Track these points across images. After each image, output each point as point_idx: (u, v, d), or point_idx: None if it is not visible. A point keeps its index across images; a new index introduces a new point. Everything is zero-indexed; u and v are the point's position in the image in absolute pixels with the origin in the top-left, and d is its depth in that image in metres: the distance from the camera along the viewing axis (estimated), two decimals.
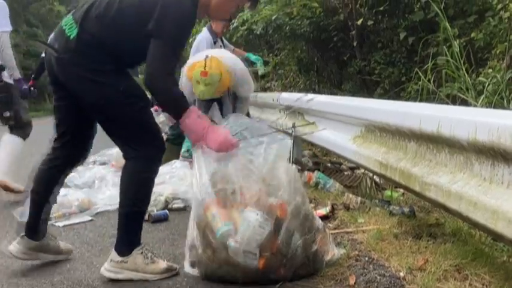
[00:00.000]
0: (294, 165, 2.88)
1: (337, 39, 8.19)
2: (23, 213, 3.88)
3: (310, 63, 9.69)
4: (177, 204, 4.00)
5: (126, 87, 2.58)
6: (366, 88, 7.70)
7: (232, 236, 2.43)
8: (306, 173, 4.64)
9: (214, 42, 6.13)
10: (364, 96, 6.69)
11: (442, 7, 5.35)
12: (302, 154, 5.78)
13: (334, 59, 9.05)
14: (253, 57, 6.52)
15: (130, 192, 2.61)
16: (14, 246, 2.80)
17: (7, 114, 4.73)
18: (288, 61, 10.38)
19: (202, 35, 6.19)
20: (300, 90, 9.81)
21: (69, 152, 2.80)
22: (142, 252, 2.63)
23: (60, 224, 3.78)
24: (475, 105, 4.20)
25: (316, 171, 4.57)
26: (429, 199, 2.58)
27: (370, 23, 7.29)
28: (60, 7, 37.01)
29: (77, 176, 4.90)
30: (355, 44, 7.55)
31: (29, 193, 2.89)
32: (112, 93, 2.53)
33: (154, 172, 2.65)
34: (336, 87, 8.94)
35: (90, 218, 3.92)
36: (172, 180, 4.26)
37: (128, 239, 2.64)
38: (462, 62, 4.67)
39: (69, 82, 2.55)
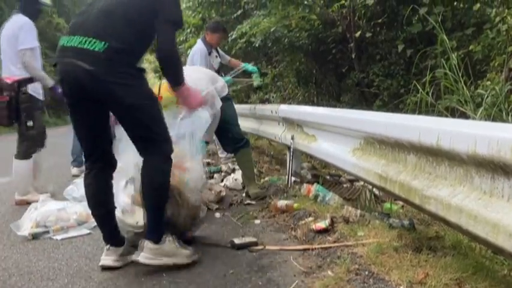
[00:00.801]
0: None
1: (335, 51, 8.21)
2: (20, 226, 3.90)
3: (309, 75, 9.71)
4: None
5: (148, 88, 2.97)
6: (365, 100, 7.70)
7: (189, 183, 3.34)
8: (305, 185, 4.63)
9: (209, 53, 6.21)
10: (362, 109, 6.69)
11: (440, 19, 5.36)
12: (301, 166, 5.77)
13: (333, 71, 9.07)
14: (250, 67, 6.52)
15: (156, 183, 2.94)
16: (104, 259, 3.06)
17: (30, 123, 4.98)
18: (287, 73, 10.40)
19: (197, 47, 6.25)
20: (298, 102, 9.83)
21: (101, 165, 3.08)
22: (170, 239, 3.00)
23: (58, 237, 3.78)
24: (473, 118, 4.20)
25: (315, 184, 4.55)
26: (429, 212, 2.57)
27: (368, 35, 7.31)
28: (60, 19, 37.12)
29: (75, 188, 4.88)
30: (353, 56, 7.56)
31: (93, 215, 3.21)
32: (139, 93, 2.87)
33: (171, 166, 3.00)
34: (334, 99, 8.94)
35: (88, 231, 3.91)
36: None
37: (158, 227, 2.97)
38: (460, 75, 4.67)
39: (103, 92, 2.79)
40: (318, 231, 3.39)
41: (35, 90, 5.09)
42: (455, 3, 6.77)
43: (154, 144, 2.95)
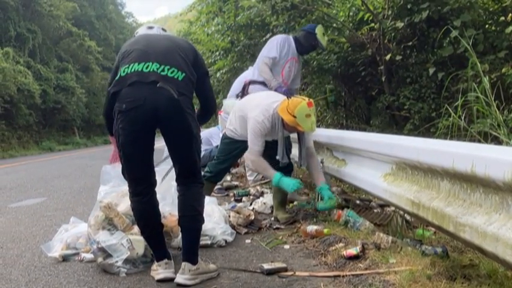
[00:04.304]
0: None
1: (365, 74, 8.16)
2: (50, 247, 3.93)
3: (338, 97, 9.66)
4: (204, 241, 3.97)
5: None
6: (395, 124, 7.60)
7: None
8: (335, 210, 4.58)
9: None
10: (393, 132, 6.62)
11: (471, 42, 5.30)
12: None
13: (362, 93, 9.00)
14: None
15: (201, 209, 3.25)
16: (164, 272, 3.23)
17: None
18: (315, 95, 10.37)
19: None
20: (327, 126, 9.77)
21: (150, 186, 3.28)
22: (201, 258, 3.25)
23: (87, 256, 3.77)
24: (507, 143, 4.13)
25: (345, 209, 4.50)
26: (464, 240, 2.52)
27: (398, 58, 7.25)
28: (91, 42, 37.90)
29: None
30: (383, 79, 7.50)
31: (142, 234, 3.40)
32: (197, 125, 3.23)
33: (203, 192, 3.38)
34: (364, 123, 8.86)
35: None
36: None
37: (196, 249, 3.22)
38: (493, 98, 4.60)
39: (181, 120, 3.06)
40: (349, 258, 3.34)
41: None
42: (487, 26, 6.70)
43: (195, 174, 3.26)
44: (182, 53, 3.18)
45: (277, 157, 4.58)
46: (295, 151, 6.11)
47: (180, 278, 3.09)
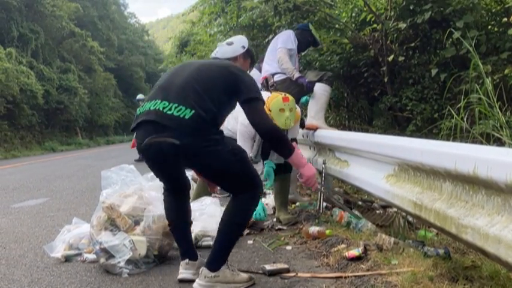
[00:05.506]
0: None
1: (367, 75, 8.15)
2: (53, 248, 3.94)
3: (341, 98, 9.66)
4: (207, 242, 3.98)
5: (231, 145, 3.10)
6: (398, 125, 7.59)
7: None
8: (337, 211, 4.58)
9: None
10: (395, 133, 6.61)
11: (474, 43, 5.29)
12: (333, 191, 5.72)
13: (365, 94, 8.99)
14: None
15: (232, 217, 3.03)
16: (184, 273, 3.23)
17: None
18: None
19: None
20: (329, 126, 9.75)
21: (185, 188, 3.34)
22: (228, 267, 3.06)
23: (90, 256, 3.78)
24: (510, 144, 4.12)
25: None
26: (466, 242, 2.51)
27: (401, 59, 7.24)
28: (94, 43, 37.93)
29: None
30: (386, 79, 7.49)
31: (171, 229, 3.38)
32: (224, 157, 2.95)
33: (255, 206, 3.12)
34: (366, 124, 8.85)
35: None
36: (202, 217, 4.23)
37: (220, 258, 3.03)
38: (495, 100, 4.59)
39: (193, 160, 2.97)
40: (351, 259, 3.34)
41: None
42: (489, 27, 6.69)
43: (241, 189, 3.03)
44: (202, 86, 2.97)
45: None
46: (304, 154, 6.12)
47: (196, 283, 3.02)
